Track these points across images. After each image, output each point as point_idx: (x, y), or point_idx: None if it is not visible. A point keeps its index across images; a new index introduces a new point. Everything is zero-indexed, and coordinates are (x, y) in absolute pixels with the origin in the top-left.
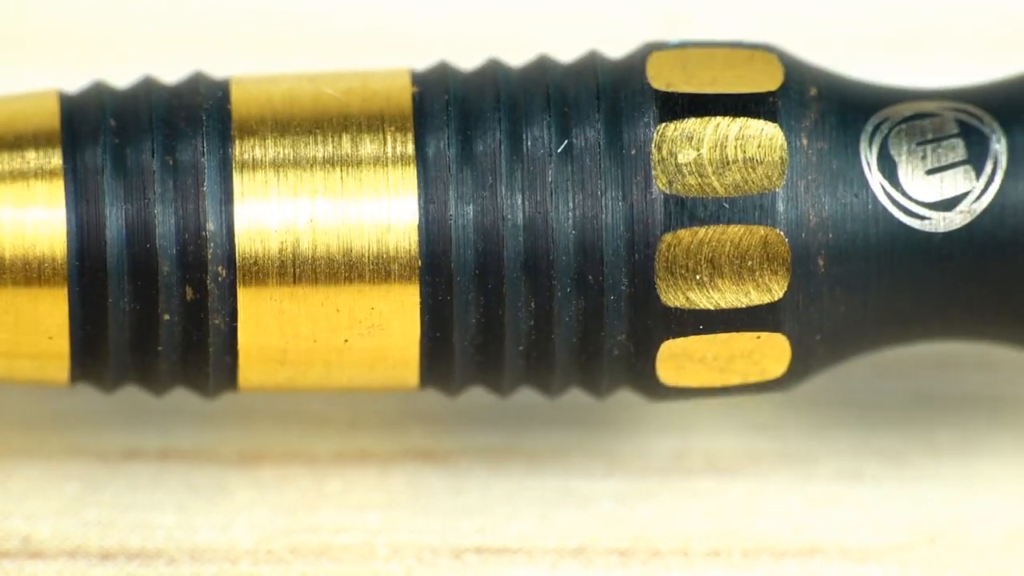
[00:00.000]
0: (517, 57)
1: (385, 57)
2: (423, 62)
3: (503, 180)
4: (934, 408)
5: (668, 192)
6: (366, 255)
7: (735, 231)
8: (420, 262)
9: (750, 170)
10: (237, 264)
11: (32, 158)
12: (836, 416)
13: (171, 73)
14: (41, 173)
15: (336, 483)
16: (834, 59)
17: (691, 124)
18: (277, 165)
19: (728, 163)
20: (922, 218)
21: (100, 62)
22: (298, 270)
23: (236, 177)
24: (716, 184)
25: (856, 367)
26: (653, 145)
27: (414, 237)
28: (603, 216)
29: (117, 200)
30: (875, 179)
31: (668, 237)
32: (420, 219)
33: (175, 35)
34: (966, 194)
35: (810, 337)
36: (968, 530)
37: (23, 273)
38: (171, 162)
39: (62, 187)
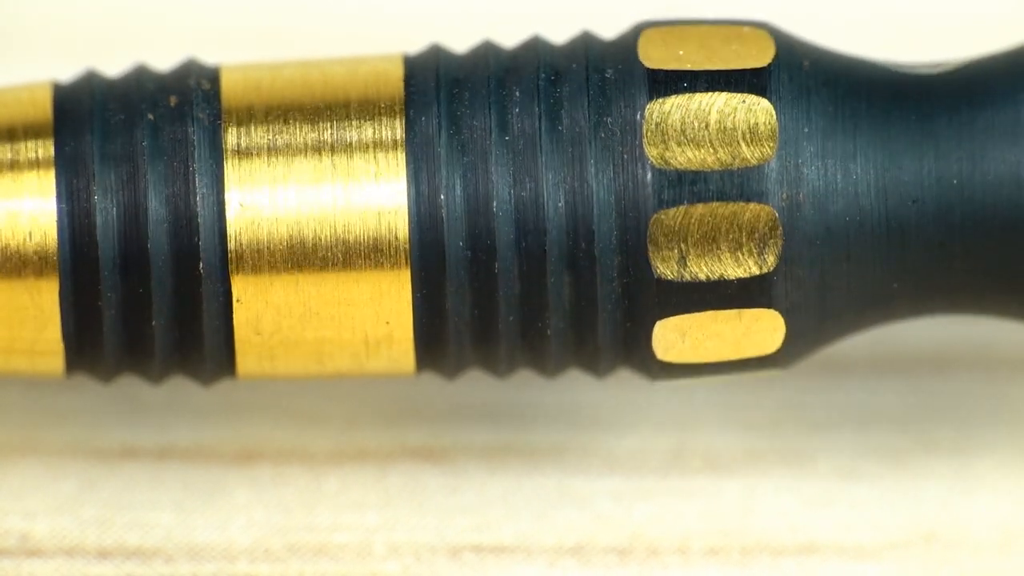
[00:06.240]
0: (511, 38)
1: (379, 41)
2: (417, 45)
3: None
4: (931, 407)
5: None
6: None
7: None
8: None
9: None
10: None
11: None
12: (833, 415)
13: (165, 64)
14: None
15: (334, 482)
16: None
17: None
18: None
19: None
20: (908, 67)
21: (95, 55)
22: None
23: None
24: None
25: (854, 367)
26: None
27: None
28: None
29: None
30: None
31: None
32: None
33: (168, 27)
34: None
35: (797, 142)
36: (965, 528)
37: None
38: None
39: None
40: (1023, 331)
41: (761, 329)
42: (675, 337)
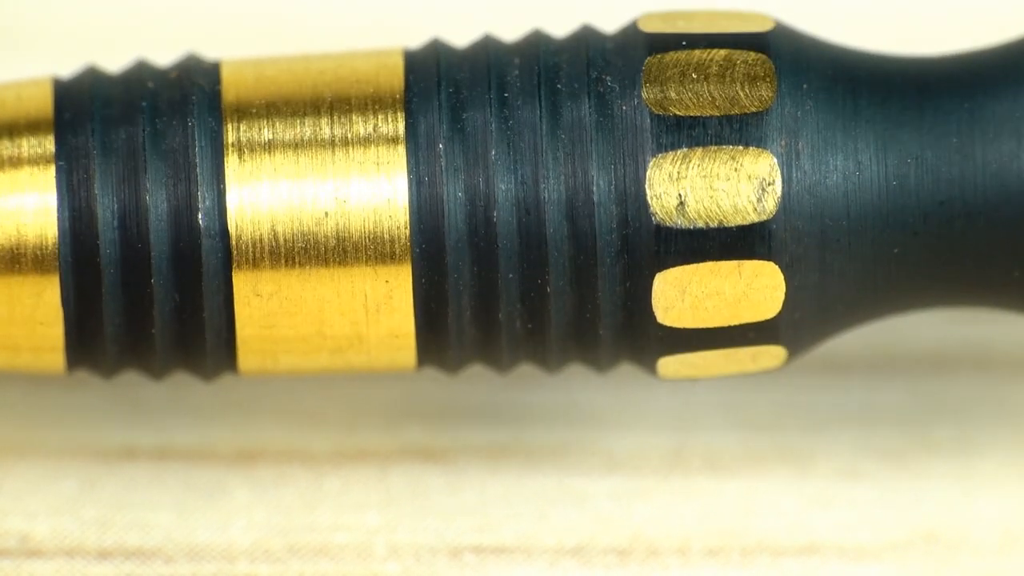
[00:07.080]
0: (513, 32)
1: (379, 37)
2: (417, 40)
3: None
4: (932, 407)
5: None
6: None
7: None
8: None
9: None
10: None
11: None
12: (834, 415)
13: (166, 61)
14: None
15: (334, 482)
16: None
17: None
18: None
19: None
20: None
21: (97, 53)
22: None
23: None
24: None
25: (854, 366)
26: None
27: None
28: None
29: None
30: None
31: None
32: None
33: (169, 24)
34: None
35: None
36: (966, 529)
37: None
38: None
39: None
40: (1023, 331)
41: (761, 287)
42: (675, 294)
